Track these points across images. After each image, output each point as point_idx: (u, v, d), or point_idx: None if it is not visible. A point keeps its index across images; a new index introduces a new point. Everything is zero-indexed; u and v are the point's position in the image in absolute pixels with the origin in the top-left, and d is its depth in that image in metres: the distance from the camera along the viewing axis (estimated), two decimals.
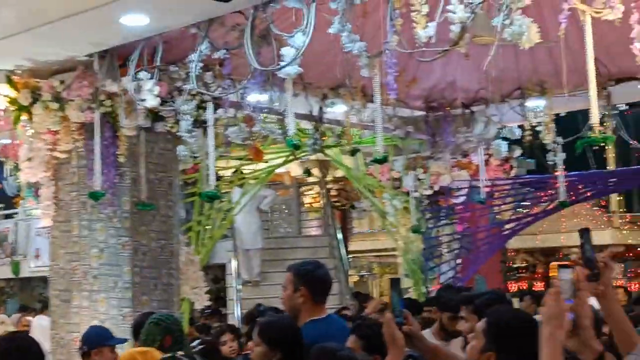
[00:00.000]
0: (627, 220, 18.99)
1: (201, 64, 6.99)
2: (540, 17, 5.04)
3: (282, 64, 6.22)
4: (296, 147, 7.33)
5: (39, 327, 14.38)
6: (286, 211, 18.28)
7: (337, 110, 9.35)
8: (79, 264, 7.73)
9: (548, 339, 2.58)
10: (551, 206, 10.65)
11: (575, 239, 14.12)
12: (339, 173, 16.02)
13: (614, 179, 11.77)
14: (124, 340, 6.02)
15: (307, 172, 15.68)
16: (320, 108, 9.30)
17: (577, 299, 2.66)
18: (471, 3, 5.13)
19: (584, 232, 3.04)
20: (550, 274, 20.97)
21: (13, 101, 7.92)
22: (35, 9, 6.63)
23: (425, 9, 5.40)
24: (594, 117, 5.43)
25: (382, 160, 6.78)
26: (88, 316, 7.59)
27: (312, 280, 4.67)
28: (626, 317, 3.17)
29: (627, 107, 9.51)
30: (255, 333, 4.41)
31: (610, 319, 3.10)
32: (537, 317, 2.90)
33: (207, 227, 10.37)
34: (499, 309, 3.62)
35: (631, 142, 8.92)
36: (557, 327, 2.58)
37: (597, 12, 5.03)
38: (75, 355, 7.49)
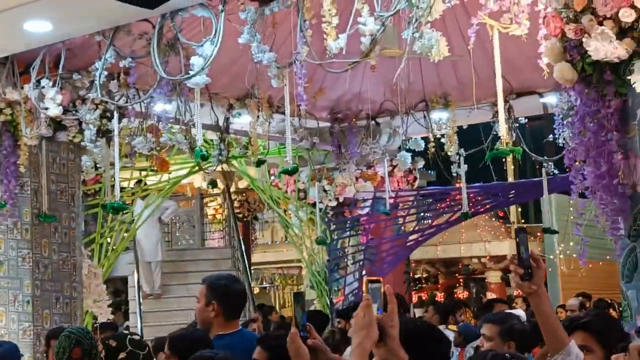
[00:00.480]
0: None
1: (106, 72, 6.88)
2: (444, 31, 5.11)
3: (191, 73, 6.16)
4: (204, 158, 7.26)
5: None
6: (188, 223, 18.07)
7: (242, 120, 9.31)
8: None
9: (357, 348, 2.72)
10: (454, 217, 10.83)
11: (474, 250, 14.47)
12: (242, 184, 15.94)
13: (514, 191, 12.06)
14: None
15: (213, 184, 15.55)
16: (226, 118, 9.25)
17: (386, 311, 2.81)
18: (382, 16, 5.18)
19: (519, 232, 3.12)
20: (452, 283, 21.41)
21: None
22: None
23: (335, 21, 5.42)
24: (502, 130, 5.54)
25: (292, 172, 6.76)
26: None
27: (225, 295, 4.61)
28: (556, 317, 3.30)
29: (526, 120, 9.74)
30: (167, 346, 4.34)
31: (541, 318, 3.18)
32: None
33: (109, 239, 10.16)
34: (402, 320, 3.72)
35: (533, 155, 9.15)
36: (365, 337, 2.73)
37: (504, 28, 5.13)
38: None
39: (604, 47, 4.14)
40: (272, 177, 11.88)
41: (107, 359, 4.67)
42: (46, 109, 7.03)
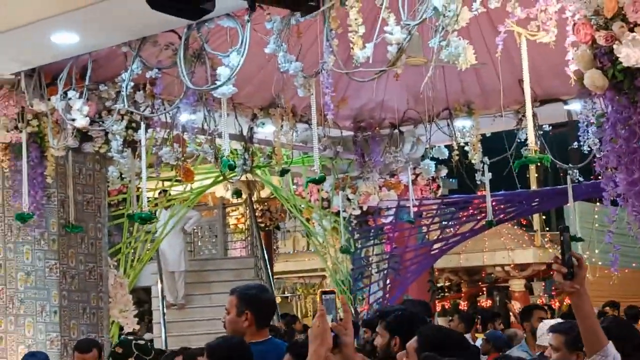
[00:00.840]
0: (548, 238, 19.36)
1: (132, 83, 6.91)
2: (468, 38, 5.10)
3: (217, 83, 6.18)
4: (231, 167, 7.27)
5: None
6: (210, 232, 18.11)
7: (266, 130, 9.34)
8: (5, 288, 7.51)
9: (312, 355, 2.93)
10: (478, 225, 10.79)
11: (497, 259, 14.40)
12: (264, 193, 15.95)
13: (538, 199, 12.00)
14: None
15: (238, 194, 15.57)
16: (250, 128, 9.27)
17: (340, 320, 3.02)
18: (408, 24, 5.17)
19: (563, 232, 3.19)
20: (475, 292, 21.33)
21: None
22: None
23: (362, 30, 5.42)
24: (530, 137, 5.52)
25: (319, 181, 6.77)
26: (14, 341, 7.39)
27: (257, 304, 4.64)
28: (595, 318, 3.34)
29: (550, 127, 9.70)
30: (205, 354, 4.38)
31: (581, 317, 3.23)
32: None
33: (134, 249, 10.19)
34: (430, 327, 3.82)
35: (557, 162, 9.09)
36: (320, 345, 2.93)
37: (532, 35, 5.11)
38: None
39: (635, 53, 4.11)
40: (295, 186, 11.88)
41: None
42: (73, 120, 7.07)
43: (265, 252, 14.86)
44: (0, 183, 7.65)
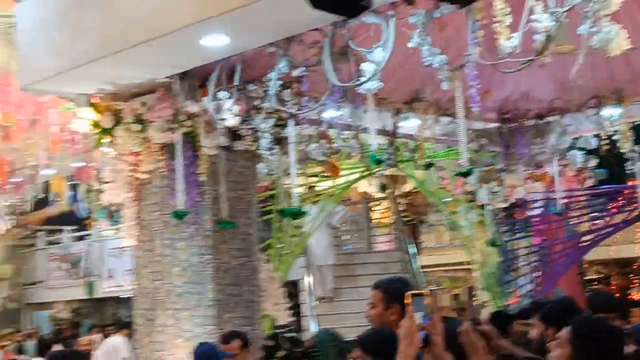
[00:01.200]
0: None
1: (279, 82, 7.07)
2: (619, 23, 4.96)
3: (362, 79, 6.25)
4: (379, 162, 7.34)
5: (110, 347, 14.58)
6: (355, 227, 18.28)
7: (410, 124, 9.35)
8: (162, 283, 7.81)
9: (401, 354, 3.07)
10: (631, 216, 10.48)
11: None
12: (407, 187, 15.98)
13: None
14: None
15: (383, 188, 15.67)
16: (394, 123, 9.31)
17: (430, 320, 3.14)
18: (556, 12, 5.10)
19: None
20: (625, 284, 20.67)
21: (96, 124, 8.08)
22: (116, 34, 6.78)
23: (508, 20, 5.38)
24: None
25: (467, 174, 6.75)
26: (172, 334, 7.67)
27: (403, 297, 4.67)
28: None
29: None
30: (357, 346, 4.46)
31: None
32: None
33: (284, 244, 10.41)
34: (584, 317, 3.84)
35: None
36: (409, 344, 3.08)
37: None
38: None
39: None
40: (440, 180, 11.86)
41: (267, 358, 4.79)
42: (223, 119, 7.29)
43: (411, 246, 14.89)
44: (157, 182, 7.94)
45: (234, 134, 7.86)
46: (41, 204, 19.85)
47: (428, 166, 9.20)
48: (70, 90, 8.04)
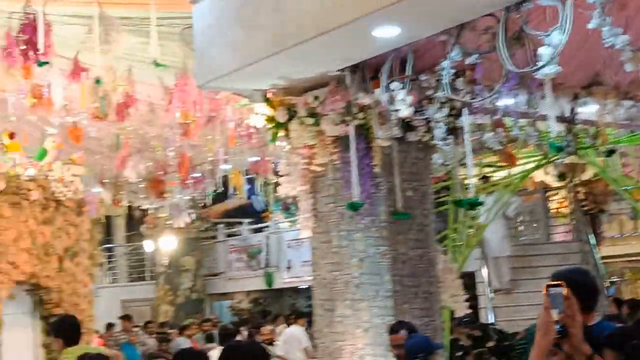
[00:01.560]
0: None
1: (452, 71, 6.96)
2: None
3: (539, 64, 6.06)
4: (559, 149, 7.11)
5: (290, 337, 14.93)
6: (531, 217, 17.87)
7: (588, 110, 9.02)
8: (340, 274, 7.88)
9: (535, 345, 3.15)
10: None
11: None
12: (587, 175, 15.44)
13: None
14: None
15: (561, 176, 15.23)
16: (572, 108, 9.00)
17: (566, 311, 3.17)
18: None
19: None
20: None
21: (270, 119, 8.25)
22: (289, 30, 6.87)
23: None
24: None
25: None
26: (352, 325, 7.73)
27: (585, 289, 4.52)
28: None
29: None
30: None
31: None
32: None
33: (460, 235, 10.29)
34: None
35: None
36: (543, 335, 3.15)
37: None
38: None
39: None
40: (623, 167, 11.38)
41: (475, 347, 4.76)
42: (397, 110, 7.27)
43: (590, 236, 14.40)
44: (331, 174, 8.02)
45: (407, 125, 7.83)
46: (220, 197, 20.58)
47: (610, 153, 8.83)
48: (245, 87, 8.24)
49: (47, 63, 8.46)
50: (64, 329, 7.27)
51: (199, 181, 16.85)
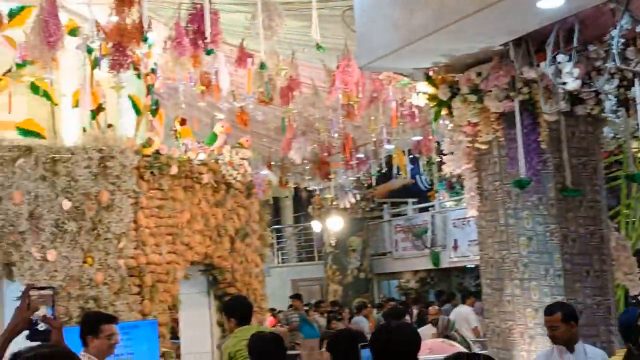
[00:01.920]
0: None
1: (621, 40, 6.68)
2: None
3: None
4: None
5: (459, 316, 14.88)
6: None
7: None
8: (508, 253, 7.74)
9: None
10: None
11: None
12: None
13: None
14: None
15: None
16: None
17: None
18: None
19: None
20: None
21: (432, 97, 8.18)
22: (450, 6, 6.77)
23: None
24: None
25: None
26: (521, 304, 7.58)
27: None
28: None
29: None
30: None
31: None
32: None
33: (633, 210, 9.89)
34: None
35: None
36: None
37: None
38: (511, 343, 7.57)
39: None
40: None
41: None
42: (564, 84, 7.04)
43: None
44: (496, 152, 7.88)
45: (574, 98, 7.58)
46: (384, 177, 20.67)
47: None
48: (406, 66, 8.20)
49: (213, 52, 8.72)
50: (237, 310, 7.50)
51: (363, 162, 16.99)
